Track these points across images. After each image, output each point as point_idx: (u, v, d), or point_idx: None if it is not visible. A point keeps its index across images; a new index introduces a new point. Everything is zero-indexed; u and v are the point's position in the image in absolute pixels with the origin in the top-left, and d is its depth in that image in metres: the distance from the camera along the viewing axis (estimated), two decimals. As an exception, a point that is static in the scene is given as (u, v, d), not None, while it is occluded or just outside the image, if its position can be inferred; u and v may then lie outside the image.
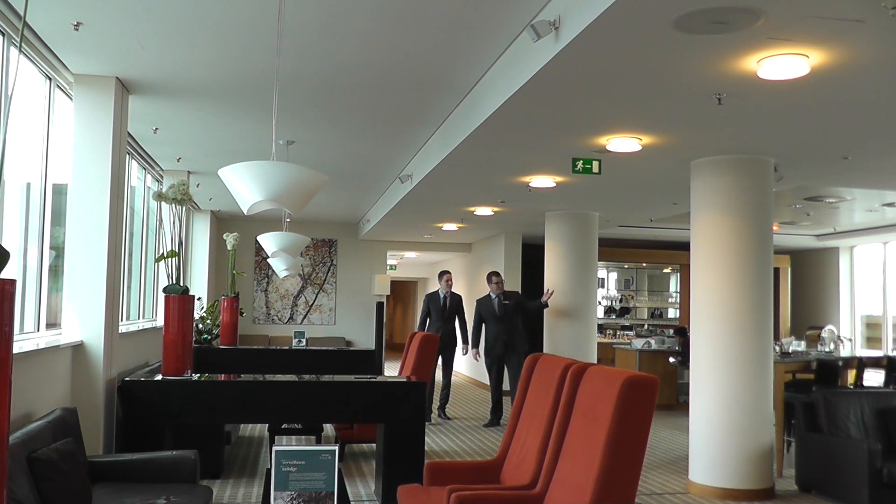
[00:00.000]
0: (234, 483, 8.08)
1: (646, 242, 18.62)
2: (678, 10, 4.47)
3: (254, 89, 7.14)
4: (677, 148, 8.11)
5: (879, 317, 18.47)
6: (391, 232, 16.86)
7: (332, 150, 9.74)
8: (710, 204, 8.50)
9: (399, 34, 5.75)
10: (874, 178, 10.12)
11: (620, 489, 4.13)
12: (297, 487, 3.47)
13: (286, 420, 8.47)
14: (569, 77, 5.76)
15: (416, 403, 7.10)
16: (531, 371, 5.74)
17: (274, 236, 9.61)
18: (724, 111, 6.58)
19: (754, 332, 8.23)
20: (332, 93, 7.29)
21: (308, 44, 5.96)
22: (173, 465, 5.78)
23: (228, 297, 11.61)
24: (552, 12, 5.10)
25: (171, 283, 7.08)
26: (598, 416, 4.27)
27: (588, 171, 8.69)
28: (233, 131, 8.83)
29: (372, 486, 8.03)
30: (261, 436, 10.80)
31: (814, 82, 5.79)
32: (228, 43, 5.99)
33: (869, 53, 5.25)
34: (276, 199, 4.38)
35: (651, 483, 8.62)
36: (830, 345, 12.54)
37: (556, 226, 13.50)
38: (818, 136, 7.65)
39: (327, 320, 17.98)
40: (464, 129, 7.57)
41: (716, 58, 5.33)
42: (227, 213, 15.74)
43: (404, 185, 11.04)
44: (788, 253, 20.02)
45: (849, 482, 7.64)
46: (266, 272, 17.37)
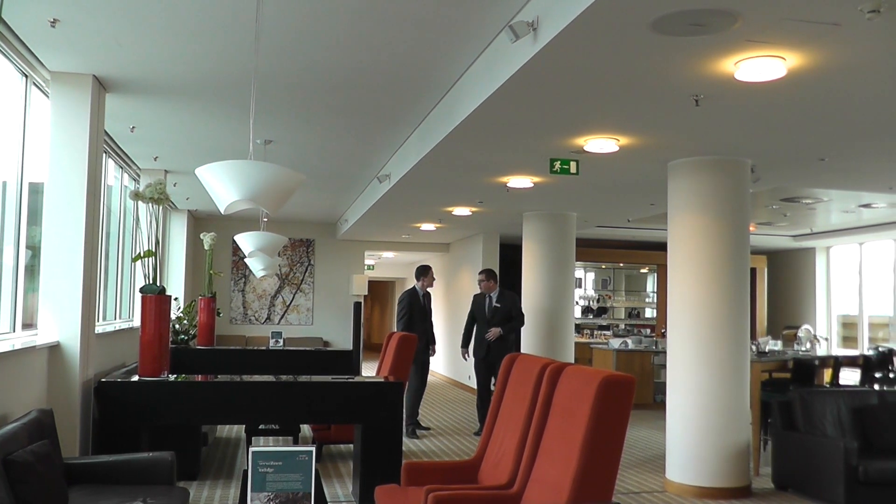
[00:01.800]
0: (210, 484, 8.04)
1: (623, 243, 18.67)
2: (656, 12, 4.49)
3: (231, 88, 7.11)
4: (655, 149, 8.14)
5: (855, 316, 18.62)
6: (369, 232, 16.84)
7: (310, 149, 9.72)
8: (688, 205, 8.54)
9: (377, 34, 5.74)
10: (850, 179, 10.19)
11: (598, 488, 4.14)
12: (274, 488, 3.46)
13: (263, 421, 8.44)
14: (547, 78, 5.77)
15: (393, 404, 7.09)
16: (509, 371, 5.75)
17: (251, 236, 9.57)
18: (702, 112, 6.61)
19: (731, 331, 8.28)
20: (310, 92, 7.27)
21: (286, 43, 5.95)
22: (150, 467, 5.74)
23: (205, 297, 11.57)
24: (530, 13, 5.10)
25: (148, 283, 7.04)
26: (576, 416, 4.28)
27: (566, 171, 8.71)
28: (210, 130, 8.79)
29: (349, 487, 8.02)
30: (238, 437, 10.76)
31: (791, 84, 5.82)
32: (206, 41, 5.96)
33: (845, 56, 5.29)
34: (253, 199, 4.37)
35: (628, 482, 8.65)
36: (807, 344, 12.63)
37: (533, 226, 13.52)
38: (795, 137, 7.69)
39: (305, 320, 17.94)
40: (442, 130, 7.57)
41: (693, 59, 5.35)
42: (204, 212, 15.67)
43: (382, 185, 11.02)
44: (765, 253, 20.14)
45: (825, 480, 7.69)
46: (243, 272, 17.30)
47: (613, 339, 16.46)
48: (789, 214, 14.93)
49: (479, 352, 11.70)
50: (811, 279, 19.70)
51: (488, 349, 11.50)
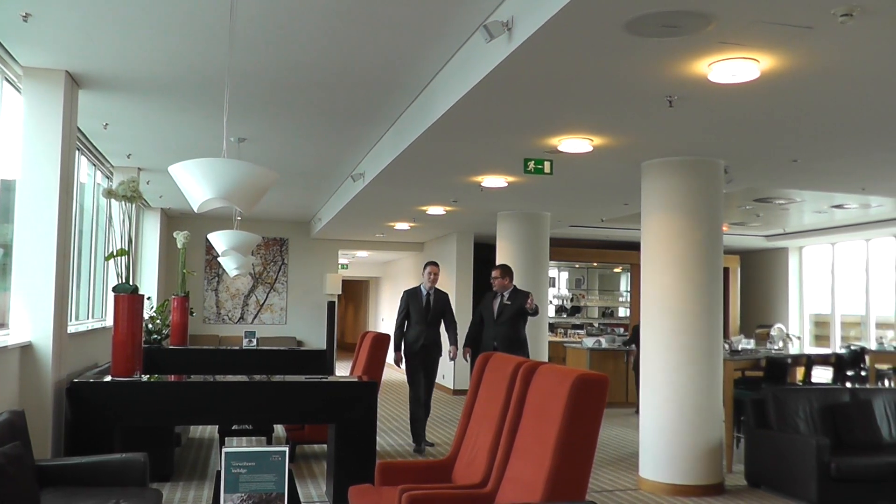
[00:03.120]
0: (184, 485, 8.00)
1: (597, 242, 18.73)
2: (630, 13, 4.51)
3: (205, 86, 7.08)
4: (628, 149, 8.17)
5: (828, 315, 18.80)
6: (343, 231, 16.81)
7: (284, 147, 9.69)
8: (661, 204, 8.58)
9: (352, 32, 5.73)
10: (823, 180, 10.27)
11: (571, 487, 4.15)
12: (247, 489, 3.44)
13: (236, 421, 8.41)
14: (521, 78, 5.78)
15: (367, 403, 7.07)
16: (482, 370, 5.75)
17: (224, 235, 9.54)
18: (675, 113, 6.64)
19: (704, 330, 8.32)
20: (285, 90, 7.25)
21: (260, 41, 5.93)
22: (122, 468, 5.70)
23: (178, 296, 11.52)
24: (505, 13, 5.11)
25: (121, 282, 6.99)
26: (549, 415, 4.29)
27: (540, 171, 8.73)
28: (184, 128, 8.75)
29: (323, 487, 8.00)
30: (211, 437, 10.71)
31: (764, 86, 5.86)
32: (180, 38, 5.93)
33: (818, 59, 5.33)
34: (226, 197, 4.35)
35: (602, 480, 8.68)
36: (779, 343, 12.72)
37: (507, 225, 13.55)
38: (768, 139, 7.74)
39: (278, 320, 17.88)
40: (416, 128, 7.57)
41: (667, 61, 5.37)
42: (177, 210, 15.60)
43: (356, 184, 11.00)
44: (738, 253, 20.25)
45: (797, 476, 7.76)
46: (216, 271, 17.22)
47: (587, 338, 16.51)
48: (762, 215, 15.03)
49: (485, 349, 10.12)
50: (784, 279, 19.84)
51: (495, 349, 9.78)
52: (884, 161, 8.85)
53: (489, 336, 10.14)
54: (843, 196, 12.52)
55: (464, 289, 17.12)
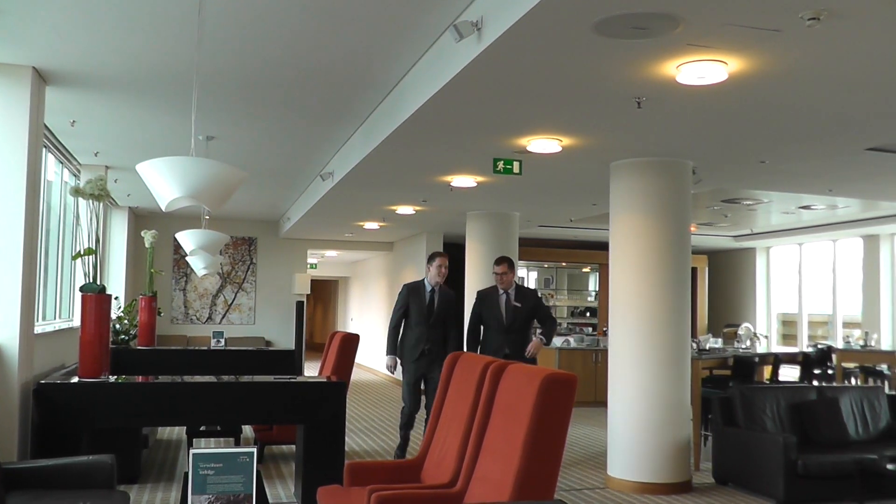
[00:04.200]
0: (151, 487, 7.95)
1: (565, 242, 18.80)
2: (598, 14, 4.52)
3: (174, 83, 7.02)
4: (597, 149, 8.20)
5: (795, 314, 19.00)
6: (312, 230, 16.76)
7: (253, 146, 9.65)
8: (629, 205, 8.62)
9: (321, 30, 5.71)
10: (790, 181, 10.36)
11: (539, 486, 4.15)
12: (215, 491, 3.42)
13: (204, 422, 8.36)
14: (491, 78, 5.79)
15: (336, 404, 7.05)
16: (451, 370, 5.75)
17: (193, 234, 9.48)
18: (644, 114, 6.67)
19: (672, 329, 8.37)
20: (253, 88, 7.22)
21: (229, 38, 5.90)
22: (90, 471, 5.65)
23: (146, 296, 11.43)
24: (475, 13, 5.12)
25: (88, 282, 6.93)
26: (518, 414, 4.30)
27: (509, 171, 8.75)
28: (152, 125, 8.68)
29: (292, 488, 7.98)
30: (179, 438, 10.65)
31: (732, 88, 5.90)
32: (148, 34, 5.88)
33: (785, 62, 5.38)
34: (194, 196, 4.33)
35: (570, 479, 8.71)
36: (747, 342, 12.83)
37: (477, 225, 13.57)
38: (736, 140, 7.80)
39: (247, 320, 17.80)
40: (386, 128, 7.56)
41: (636, 62, 5.40)
42: (145, 209, 15.48)
43: (325, 183, 10.97)
44: (706, 253, 20.39)
45: (764, 474, 7.82)
46: (184, 271, 17.11)
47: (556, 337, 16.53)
48: (730, 215, 15.14)
49: None
50: (751, 278, 20.01)
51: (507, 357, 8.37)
52: (850, 163, 8.94)
53: (497, 343, 8.80)
54: (810, 197, 12.65)
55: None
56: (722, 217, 15.37)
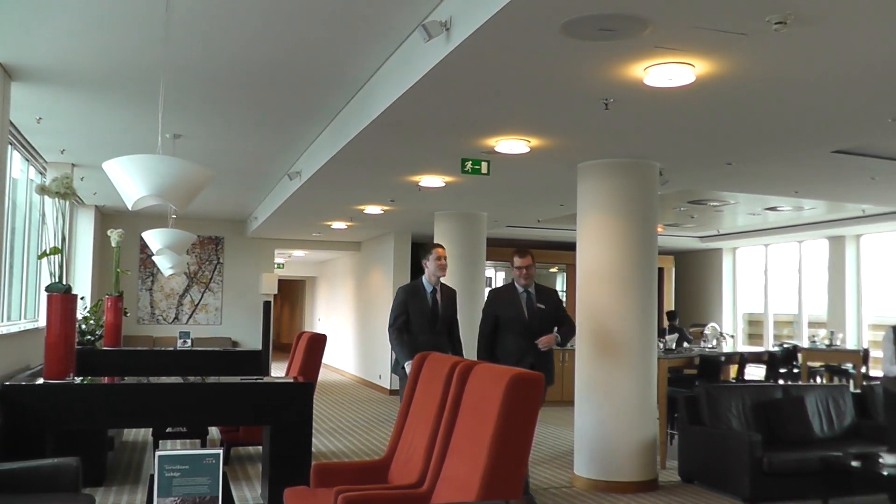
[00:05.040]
0: (117, 490, 7.89)
1: (533, 242, 18.79)
2: (567, 16, 4.53)
3: (141, 80, 6.97)
4: (565, 150, 8.22)
5: (761, 314, 19.17)
6: (279, 230, 16.69)
7: (220, 144, 9.60)
8: (597, 206, 8.65)
9: (289, 29, 5.70)
10: (756, 183, 10.45)
11: (506, 485, 4.16)
12: (180, 493, 3.40)
13: (171, 424, 8.31)
14: (459, 78, 5.79)
15: (303, 404, 7.01)
16: (419, 369, 5.75)
17: (159, 233, 9.42)
18: (611, 116, 6.70)
19: (638, 329, 8.42)
20: (221, 86, 7.19)
21: (197, 35, 5.87)
22: (55, 474, 5.58)
23: (112, 296, 11.33)
24: (444, 13, 5.12)
25: (54, 282, 6.86)
26: (485, 414, 4.30)
27: (477, 171, 8.76)
28: (119, 123, 8.62)
29: (258, 489, 7.94)
30: (145, 440, 10.56)
31: (699, 91, 5.93)
32: (116, 31, 5.84)
33: (752, 65, 5.42)
34: (161, 195, 4.31)
35: (537, 478, 8.72)
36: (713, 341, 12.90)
37: (445, 225, 13.57)
38: (702, 142, 7.85)
39: (213, 320, 17.68)
40: (354, 127, 7.54)
41: (603, 64, 5.42)
42: (111, 208, 15.34)
43: (293, 182, 10.93)
44: (672, 254, 20.51)
45: (730, 472, 7.89)
46: (151, 270, 16.97)
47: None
48: (696, 216, 15.24)
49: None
50: (718, 279, 20.16)
51: (532, 367, 7.32)
52: (816, 165, 9.03)
53: (520, 350, 7.72)
54: (776, 199, 12.76)
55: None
56: (688, 218, 15.46)
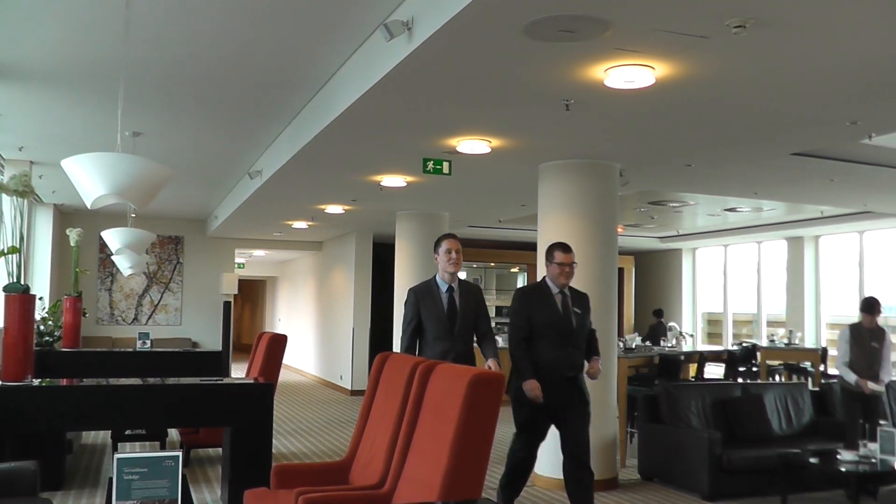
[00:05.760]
0: (75, 494, 7.81)
1: (494, 242, 18.87)
2: (528, 17, 4.55)
3: (100, 77, 6.89)
4: (526, 151, 8.24)
5: (720, 314, 19.36)
6: (240, 229, 16.59)
7: (180, 143, 9.53)
8: (558, 206, 8.69)
9: (250, 26, 5.67)
10: (715, 185, 10.54)
11: (468, 485, 4.16)
12: (139, 496, 3.37)
13: (130, 426, 8.23)
14: (421, 78, 5.79)
15: (263, 405, 6.97)
16: (380, 370, 5.74)
17: (118, 232, 9.32)
18: (572, 117, 6.73)
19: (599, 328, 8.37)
20: (181, 84, 7.13)
21: (156, 32, 5.82)
22: (12, 478, 5.50)
23: (71, 296, 11.21)
24: (406, 12, 5.12)
25: (12, 282, 6.77)
26: (446, 414, 4.30)
27: (439, 171, 8.77)
28: (78, 120, 8.52)
29: (218, 492, 7.90)
30: (104, 443, 10.47)
31: (659, 93, 5.97)
32: (74, 26, 5.77)
33: (712, 68, 5.47)
34: (120, 193, 4.27)
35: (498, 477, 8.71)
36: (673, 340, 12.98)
37: (406, 225, 13.56)
38: (662, 144, 7.90)
39: (173, 320, 17.53)
40: (315, 126, 7.52)
41: (564, 65, 5.44)
42: (71, 206, 15.16)
43: (254, 182, 10.87)
44: (633, 254, 20.64)
45: (689, 469, 7.97)
46: (110, 270, 16.77)
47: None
48: (656, 217, 15.34)
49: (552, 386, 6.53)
50: (677, 278, 20.32)
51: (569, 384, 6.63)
52: (775, 167, 9.13)
53: (564, 361, 6.57)
54: (735, 200, 12.87)
55: (362, 291, 17.07)
56: (649, 219, 15.56)
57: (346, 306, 17.50)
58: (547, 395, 6.44)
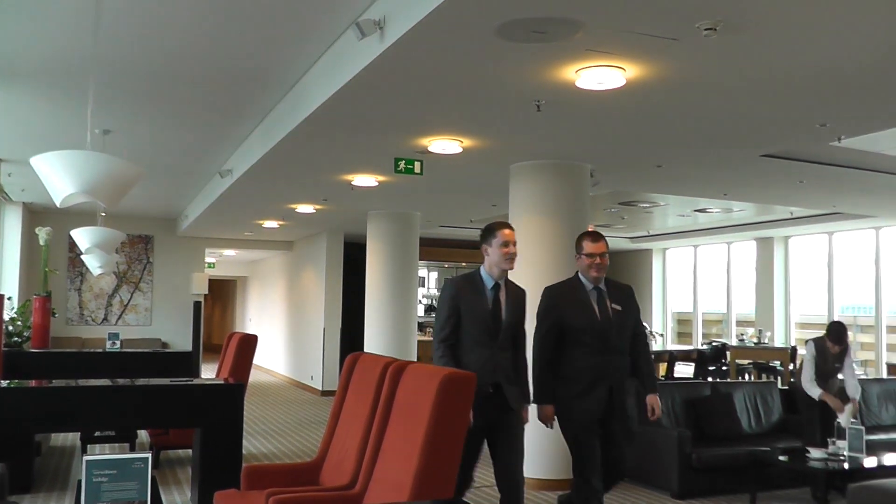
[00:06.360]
0: (44, 497, 7.73)
1: (466, 242, 18.87)
2: (500, 18, 4.56)
3: (70, 74, 6.81)
4: (497, 151, 8.25)
5: (690, 313, 19.48)
6: (210, 228, 16.50)
7: (151, 141, 9.45)
8: (529, 206, 8.70)
9: (221, 23, 5.64)
10: (686, 185, 10.59)
11: (438, 485, 4.17)
12: (109, 498, 3.34)
13: (99, 427, 8.17)
14: (392, 77, 5.78)
15: (233, 406, 6.94)
16: (351, 370, 5.73)
17: (88, 231, 9.24)
18: (543, 118, 6.74)
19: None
20: (152, 82, 7.08)
21: (127, 29, 5.78)
22: (-20, 480, 5.48)
23: (40, 296, 11.12)
24: (377, 11, 5.11)
25: (-23, 282, 6.71)
26: (417, 414, 4.30)
27: (410, 171, 8.76)
28: (47, 117, 8.44)
29: (188, 494, 7.85)
30: (73, 445, 10.38)
31: (630, 94, 6.00)
32: (44, 22, 5.70)
33: (682, 70, 5.50)
34: (90, 192, 4.24)
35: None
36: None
37: (378, 225, 13.55)
38: (633, 145, 7.94)
39: (143, 321, 17.40)
40: (286, 125, 7.49)
41: (536, 66, 5.45)
42: (40, 205, 15.02)
43: (224, 180, 10.82)
44: (604, 254, 20.66)
45: (660, 468, 8.02)
46: (80, 270, 16.63)
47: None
48: (627, 217, 15.40)
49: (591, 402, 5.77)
50: (648, 278, 20.41)
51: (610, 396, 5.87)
52: (745, 168, 9.19)
53: (587, 363, 5.71)
54: (706, 201, 12.94)
55: (333, 291, 17.03)
56: (619, 219, 15.62)
57: (316, 306, 17.45)
58: (582, 405, 5.70)
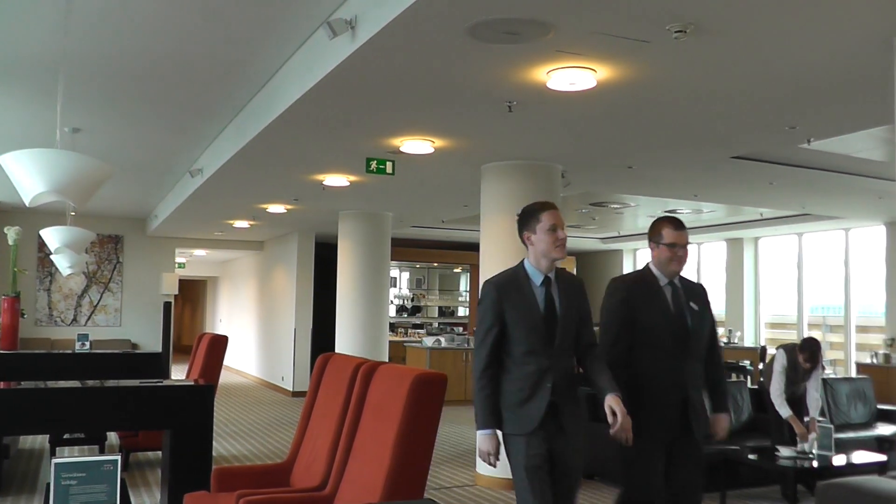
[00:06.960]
0: (13, 500, 7.65)
1: (437, 243, 18.92)
2: (472, 18, 4.56)
3: (39, 71, 6.76)
4: (469, 152, 8.26)
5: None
6: (180, 228, 16.41)
7: (120, 139, 9.39)
8: (500, 207, 8.71)
9: (192, 21, 5.61)
10: (656, 186, 10.65)
11: (410, 485, 4.17)
12: (78, 501, 3.32)
13: (68, 430, 8.11)
14: (364, 77, 5.77)
15: (203, 408, 6.89)
16: (322, 370, 5.72)
17: (57, 231, 9.17)
18: (515, 118, 6.76)
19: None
20: (122, 80, 7.04)
21: (98, 26, 5.73)
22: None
23: (9, 296, 11.02)
24: (349, 11, 5.10)
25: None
26: (388, 415, 4.30)
27: (382, 171, 8.76)
28: (16, 115, 8.36)
29: (157, 496, 7.80)
30: (42, 448, 10.29)
31: (600, 95, 6.03)
32: (13, 18, 5.64)
33: (653, 72, 5.53)
34: (59, 191, 4.21)
35: (440, 478, 8.75)
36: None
37: (349, 225, 13.53)
38: (604, 146, 7.97)
39: (113, 321, 17.28)
40: (257, 124, 7.46)
41: (507, 67, 5.46)
42: (8, 204, 14.87)
43: (194, 180, 10.76)
44: (574, 254, 20.80)
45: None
46: (49, 270, 16.49)
47: (427, 337, 16.68)
48: (598, 218, 15.47)
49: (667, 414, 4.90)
50: (618, 279, 20.46)
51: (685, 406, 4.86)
52: (716, 170, 9.25)
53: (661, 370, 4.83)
54: (676, 202, 13.01)
55: (304, 292, 17.00)
56: (590, 219, 15.70)
57: (287, 307, 17.41)
58: (656, 418, 4.88)
